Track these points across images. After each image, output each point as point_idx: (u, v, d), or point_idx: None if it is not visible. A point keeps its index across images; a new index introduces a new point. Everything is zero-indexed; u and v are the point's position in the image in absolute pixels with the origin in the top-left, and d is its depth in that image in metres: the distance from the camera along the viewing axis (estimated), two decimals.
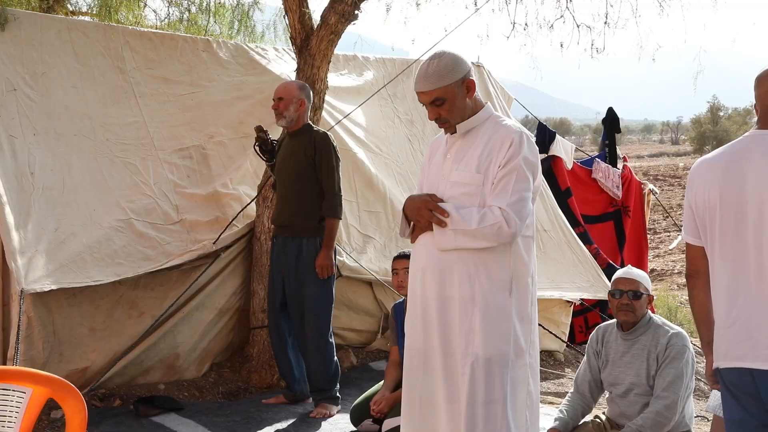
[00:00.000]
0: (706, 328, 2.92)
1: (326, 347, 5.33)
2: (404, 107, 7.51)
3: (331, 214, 5.24)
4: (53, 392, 2.87)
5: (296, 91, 5.31)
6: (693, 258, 2.97)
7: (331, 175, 5.24)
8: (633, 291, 4.00)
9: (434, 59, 3.26)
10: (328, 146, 5.26)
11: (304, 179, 5.26)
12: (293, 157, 5.31)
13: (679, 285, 16.54)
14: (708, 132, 33.77)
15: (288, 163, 5.34)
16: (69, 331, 5.23)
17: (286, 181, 5.35)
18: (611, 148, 9.09)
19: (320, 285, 5.28)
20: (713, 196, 2.81)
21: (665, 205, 24.22)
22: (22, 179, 5.37)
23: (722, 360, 2.78)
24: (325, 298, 5.33)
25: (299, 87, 5.37)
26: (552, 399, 5.99)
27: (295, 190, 5.28)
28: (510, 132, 3.25)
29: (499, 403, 3.17)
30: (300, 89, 5.34)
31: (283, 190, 5.38)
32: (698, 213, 2.88)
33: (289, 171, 5.32)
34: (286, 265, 5.31)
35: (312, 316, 5.28)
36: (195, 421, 5.08)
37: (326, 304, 5.34)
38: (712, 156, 2.96)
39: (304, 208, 5.26)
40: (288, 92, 5.31)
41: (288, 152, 5.36)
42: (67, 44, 6.06)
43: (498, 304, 3.19)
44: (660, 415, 3.78)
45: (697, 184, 2.89)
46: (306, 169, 5.25)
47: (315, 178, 5.25)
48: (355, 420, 4.99)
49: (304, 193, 5.27)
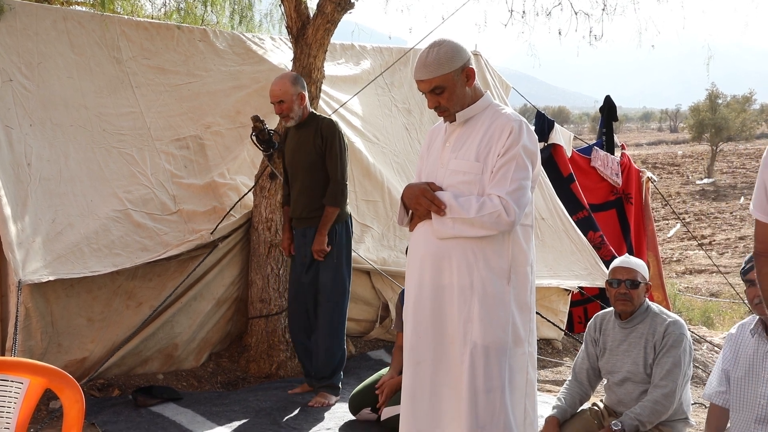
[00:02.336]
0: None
1: (335, 335, 5.34)
2: (401, 96, 7.50)
3: (332, 202, 5.20)
4: (50, 382, 2.87)
5: (292, 88, 5.24)
6: (764, 236, 2.79)
7: (336, 163, 5.20)
8: (631, 280, 4.00)
9: (434, 47, 3.25)
10: (334, 134, 5.22)
11: (316, 170, 5.23)
12: (302, 150, 5.28)
13: (678, 273, 16.58)
14: (707, 120, 33.67)
15: (298, 156, 5.31)
16: (67, 322, 5.23)
17: (298, 174, 5.32)
18: (608, 136, 9.09)
19: (334, 272, 5.29)
20: None
21: (664, 193, 24.22)
22: (19, 170, 5.36)
23: None
24: (338, 287, 5.32)
25: (293, 82, 5.28)
26: (550, 387, 6.01)
27: (309, 181, 5.25)
28: (509, 120, 3.24)
29: (497, 391, 3.17)
30: (294, 83, 5.26)
31: (297, 183, 5.35)
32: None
33: (301, 163, 5.29)
34: (305, 253, 5.32)
35: (325, 302, 5.30)
36: (193, 410, 5.09)
37: (339, 293, 5.34)
38: None
39: (321, 199, 5.24)
40: (285, 93, 5.23)
41: (296, 144, 5.33)
42: (62, 34, 6.04)
43: (496, 292, 3.19)
44: (658, 404, 3.80)
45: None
46: (317, 160, 5.22)
47: (327, 167, 5.23)
48: (353, 409, 5.00)
49: (318, 184, 5.24)
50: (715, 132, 33.29)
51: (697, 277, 15.96)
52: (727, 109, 35.02)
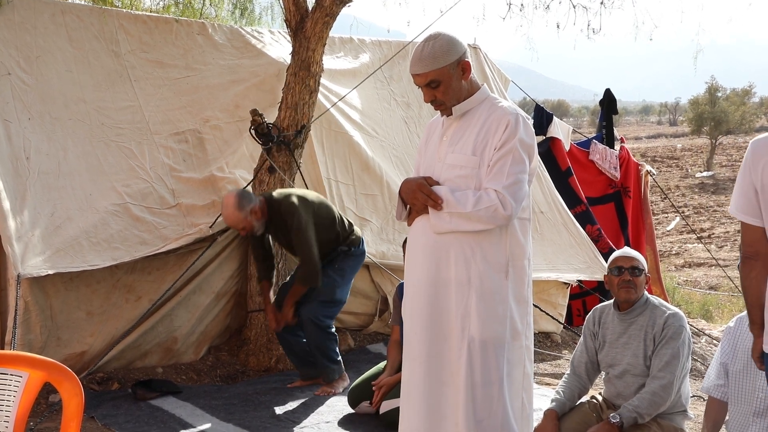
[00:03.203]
0: (759, 310, 2.81)
1: (319, 330, 5.35)
2: (400, 90, 7.49)
3: (304, 283, 5.23)
4: (49, 376, 2.88)
5: (242, 213, 5.08)
6: (752, 240, 2.79)
7: (301, 244, 5.15)
8: (633, 267, 4.00)
9: (429, 41, 3.24)
10: (292, 213, 5.15)
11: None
12: (280, 232, 5.31)
13: (677, 266, 16.58)
14: (706, 113, 33.57)
15: (280, 239, 5.43)
16: (66, 316, 5.24)
17: (293, 251, 5.40)
18: (608, 129, 9.08)
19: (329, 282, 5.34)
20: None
21: (663, 186, 24.22)
22: (18, 164, 5.36)
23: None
24: (329, 285, 5.34)
25: (239, 206, 5.08)
26: (549, 380, 6.02)
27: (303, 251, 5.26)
28: (506, 114, 3.23)
29: (495, 384, 3.18)
30: (241, 208, 5.08)
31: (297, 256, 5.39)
32: (764, 191, 2.70)
33: (287, 245, 5.42)
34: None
35: (309, 301, 5.32)
36: (193, 404, 5.09)
37: (328, 295, 5.36)
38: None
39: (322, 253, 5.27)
40: (239, 220, 5.10)
41: (273, 230, 5.36)
42: (61, 28, 6.03)
43: (494, 286, 3.19)
44: (656, 395, 3.80)
45: (764, 161, 2.71)
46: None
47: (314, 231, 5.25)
48: (353, 402, 5.02)
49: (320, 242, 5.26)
50: (714, 125, 33.21)
51: (696, 271, 15.97)
52: (727, 103, 34.95)
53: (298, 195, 5.28)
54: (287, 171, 5.88)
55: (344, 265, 5.46)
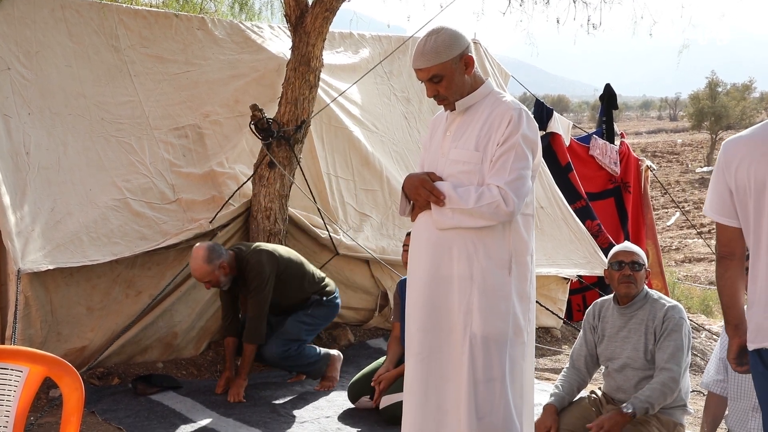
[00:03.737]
0: (735, 311, 2.81)
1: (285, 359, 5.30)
2: (400, 85, 7.48)
3: (250, 340, 5.13)
4: (49, 371, 2.88)
5: (209, 266, 4.99)
6: (728, 240, 2.80)
7: (257, 302, 5.11)
8: (634, 261, 4.00)
9: (432, 35, 3.22)
10: (256, 273, 5.10)
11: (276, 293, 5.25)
12: (244, 287, 5.23)
13: (677, 261, 16.60)
14: (706, 108, 33.56)
15: (244, 293, 5.29)
16: (67, 311, 5.24)
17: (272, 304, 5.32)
18: (608, 124, 9.08)
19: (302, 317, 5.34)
20: (760, 174, 2.63)
21: (663, 181, 24.21)
22: (18, 159, 5.36)
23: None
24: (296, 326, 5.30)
25: (207, 260, 4.99)
26: (549, 375, 6.03)
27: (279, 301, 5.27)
28: (509, 109, 3.21)
29: (497, 381, 3.18)
30: (209, 261, 4.99)
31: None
32: (738, 192, 2.70)
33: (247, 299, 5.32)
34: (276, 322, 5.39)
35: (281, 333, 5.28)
36: (193, 399, 5.10)
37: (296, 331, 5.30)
38: (749, 134, 2.75)
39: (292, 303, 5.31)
40: (206, 273, 5.00)
41: (241, 284, 5.27)
42: (60, 23, 6.02)
43: (497, 282, 3.18)
44: (666, 386, 3.78)
45: (737, 162, 2.70)
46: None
47: (280, 288, 5.21)
48: (352, 397, 5.03)
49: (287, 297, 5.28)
50: (714, 120, 33.21)
51: (696, 266, 15.99)
52: (727, 98, 34.93)
53: (268, 251, 5.21)
54: (287, 166, 5.88)
55: (317, 312, 5.40)
